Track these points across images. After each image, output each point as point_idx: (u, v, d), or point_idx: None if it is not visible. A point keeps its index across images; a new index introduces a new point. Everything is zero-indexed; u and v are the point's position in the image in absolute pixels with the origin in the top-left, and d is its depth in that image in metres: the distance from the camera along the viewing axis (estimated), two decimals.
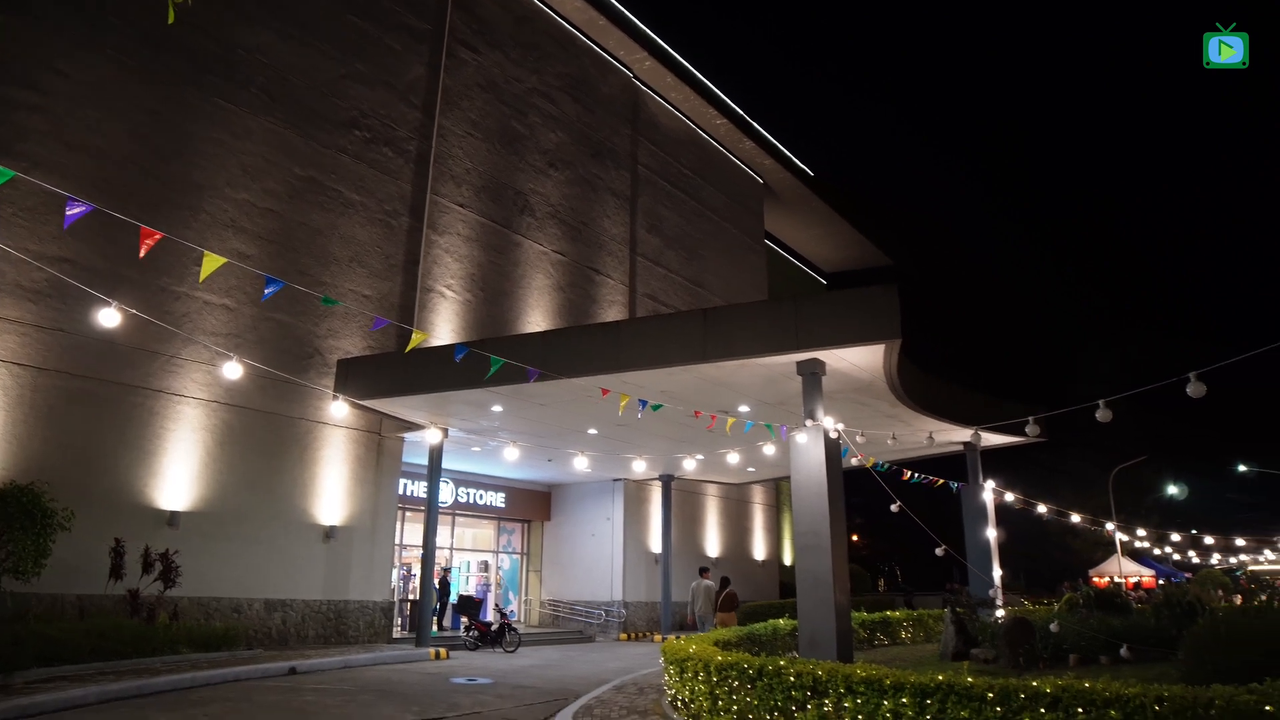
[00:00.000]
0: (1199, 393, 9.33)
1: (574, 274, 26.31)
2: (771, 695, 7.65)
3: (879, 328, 12.81)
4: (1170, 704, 5.38)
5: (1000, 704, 5.96)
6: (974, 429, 18.97)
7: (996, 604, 17.37)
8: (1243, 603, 19.25)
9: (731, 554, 31.59)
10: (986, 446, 21.88)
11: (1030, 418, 14.29)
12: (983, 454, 21.60)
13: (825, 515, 12.24)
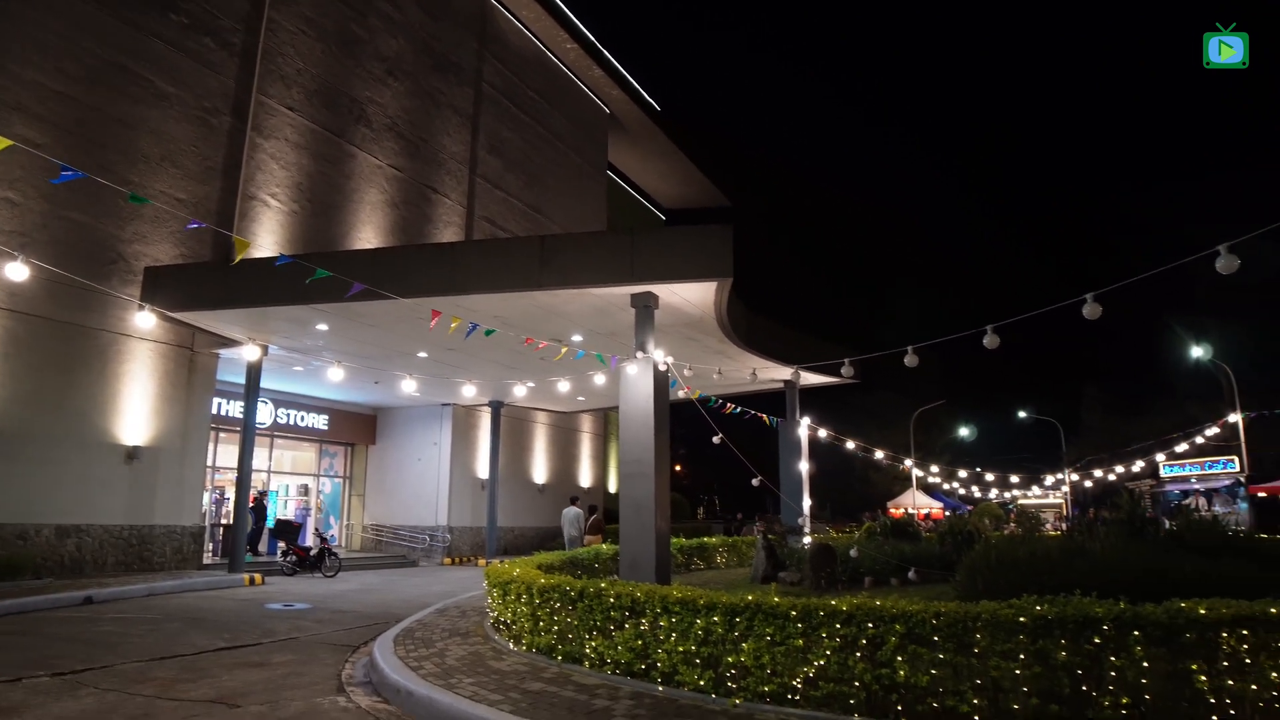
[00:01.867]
0: (993, 344, 10.27)
1: (410, 191, 25.32)
2: (591, 616, 7.93)
3: (712, 266, 13.17)
4: (945, 618, 6.02)
5: (802, 621, 6.46)
6: (795, 368, 19.99)
7: (804, 531, 18.63)
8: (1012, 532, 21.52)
9: (559, 481, 32.07)
10: (805, 385, 23.13)
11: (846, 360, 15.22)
12: (801, 392, 22.83)
13: (650, 445, 12.62)
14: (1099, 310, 9.24)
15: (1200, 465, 33.79)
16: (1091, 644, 5.80)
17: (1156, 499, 34.35)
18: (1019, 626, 5.87)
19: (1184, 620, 5.81)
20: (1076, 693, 5.77)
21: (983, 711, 5.80)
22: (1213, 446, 32.43)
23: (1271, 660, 5.87)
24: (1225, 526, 11.91)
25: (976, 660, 5.90)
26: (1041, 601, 6.16)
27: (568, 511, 22.21)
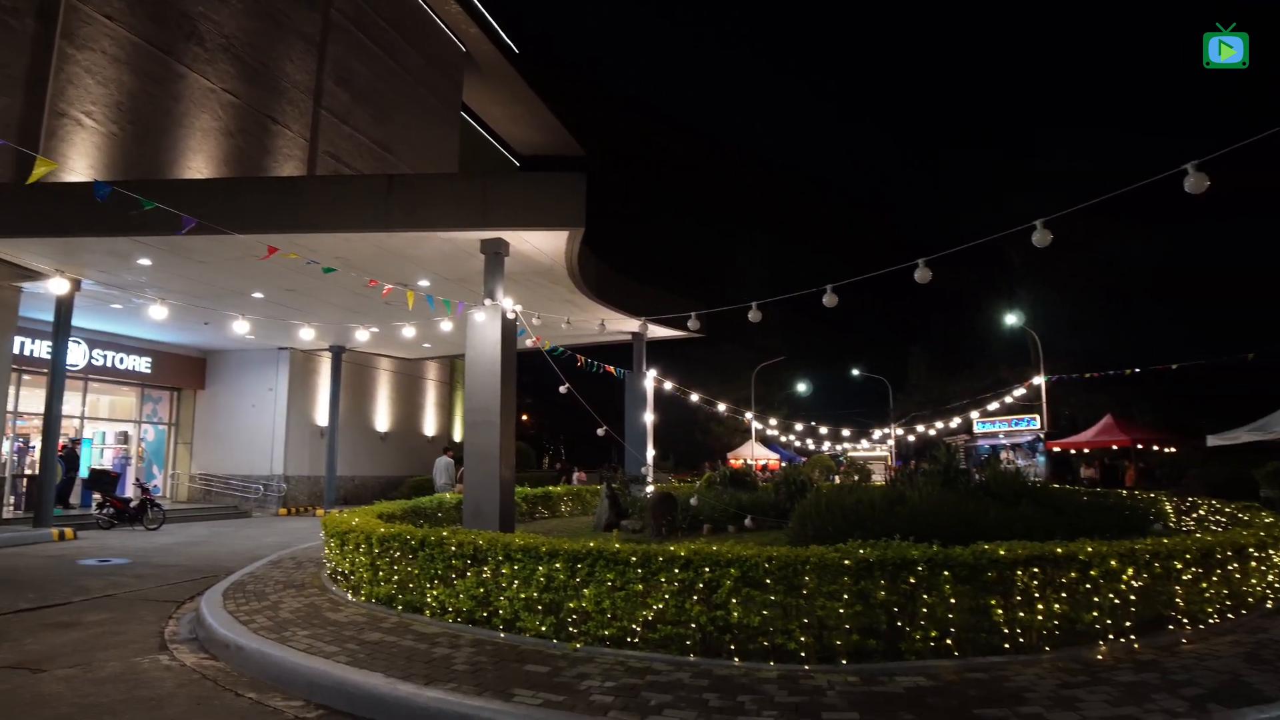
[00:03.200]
0: (831, 302, 10.78)
1: (247, 120, 23.65)
2: (433, 565, 7.86)
3: (565, 214, 13.08)
4: (777, 562, 6.35)
5: (642, 566, 6.65)
6: (642, 320, 20.23)
7: (647, 480, 19.07)
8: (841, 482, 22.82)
9: (403, 429, 31.37)
10: (652, 338, 23.49)
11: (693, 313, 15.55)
12: (648, 344, 23.18)
13: (497, 393, 12.52)
14: (929, 275, 9.84)
15: (1008, 422, 36.80)
16: (908, 584, 6.28)
17: (970, 452, 37.27)
18: (844, 569, 6.27)
19: (986, 561, 6.39)
20: (893, 628, 6.25)
21: (809, 648, 6.18)
22: (1019, 405, 35.35)
23: (1056, 594, 6.55)
24: (1025, 478, 13.07)
25: (805, 601, 6.27)
26: (865, 546, 6.60)
27: (440, 461, 21.81)
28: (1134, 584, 6.91)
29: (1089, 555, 6.70)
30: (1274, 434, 23.64)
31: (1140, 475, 27.64)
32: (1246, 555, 8.14)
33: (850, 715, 5.09)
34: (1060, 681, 5.77)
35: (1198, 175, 7.88)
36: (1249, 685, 5.71)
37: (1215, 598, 7.63)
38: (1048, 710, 5.15)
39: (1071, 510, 11.47)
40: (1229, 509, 13.21)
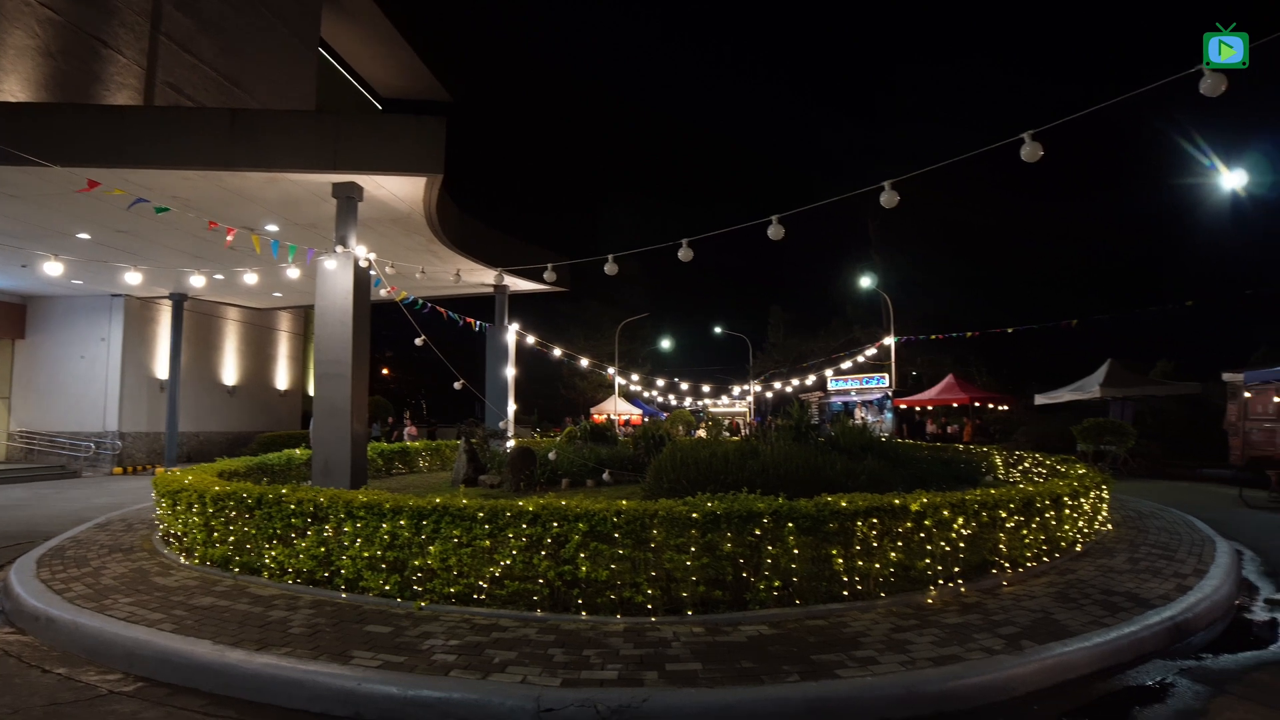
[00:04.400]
0: (687, 256, 10.83)
1: (71, 40, 21.46)
2: (271, 524, 7.47)
3: (423, 160, 12.56)
4: (625, 514, 6.35)
5: (489, 522, 6.52)
6: (499, 270, 19.80)
7: (507, 435, 18.86)
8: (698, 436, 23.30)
9: (252, 382, 29.84)
10: (516, 291, 23.11)
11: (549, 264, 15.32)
12: (512, 299, 22.80)
13: (348, 344, 12.00)
14: (781, 231, 10.00)
15: (860, 380, 38.48)
16: (753, 536, 6.41)
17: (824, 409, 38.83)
18: (692, 522, 6.34)
19: (829, 512, 6.59)
20: (738, 579, 6.39)
21: (656, 601, 6.24)
22: (870, 365, 37.00)
23: (893, 543, 6.85)
24: (871, 433, 13.66)
25: (653, 554, 6.31)
26: (713, 499, 6.69)
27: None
28: (964, 532, 7.31)
29: (924, 506, 7.03)
30: (1091, 394, 25.68)
31: (977, 431, 29.54)
32: (1061, 503, 8.78)
33: (693, 666, 5.16)
34: (894, 626, 6.05)
35: (1032, 145, 8.26)
36: (1057, 622, 6.16)
37: (1034, 543, 8.20)
38: (880, 653, 5.39)
39: (912, 464, 12.09)
40: (1050, 461, 14.25)
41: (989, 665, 5.21)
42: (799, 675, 4.98)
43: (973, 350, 38.44)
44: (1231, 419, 21.25)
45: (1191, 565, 8.43)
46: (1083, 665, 5.52)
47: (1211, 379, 24.39)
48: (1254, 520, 12.72)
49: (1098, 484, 10.42)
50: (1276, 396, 19.01)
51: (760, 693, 4.76)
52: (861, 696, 4.79)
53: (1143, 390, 26.21)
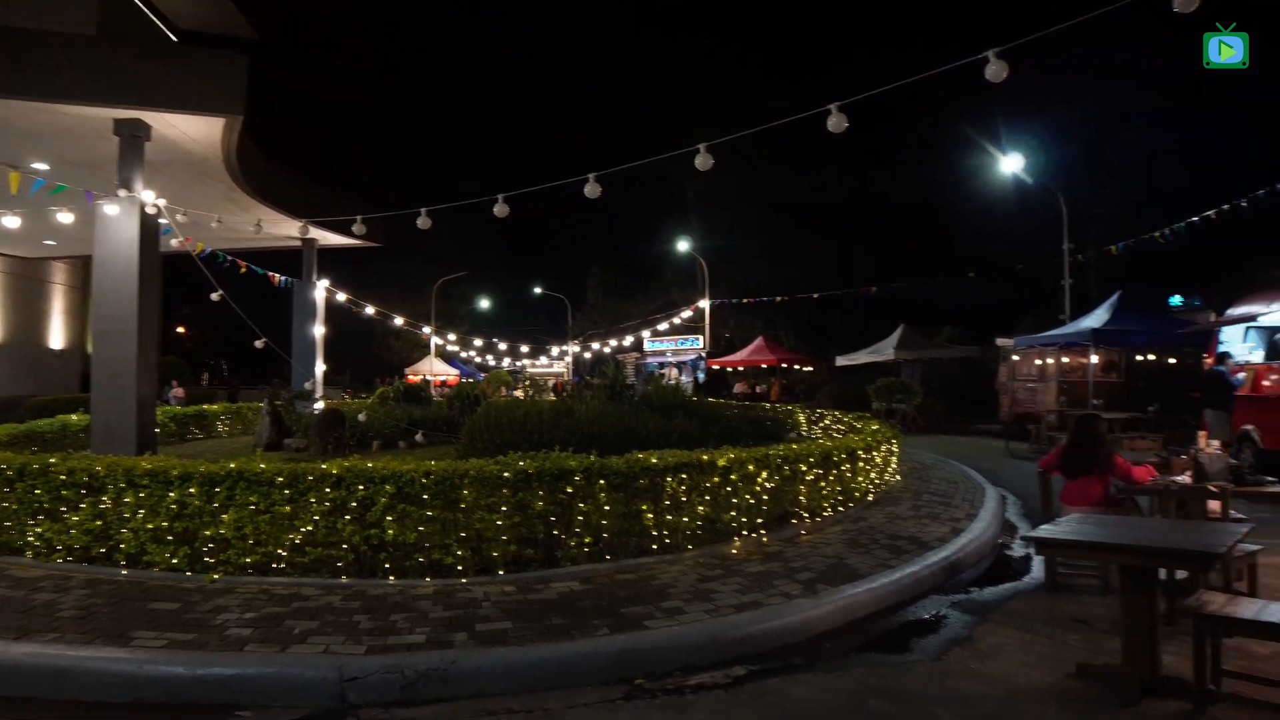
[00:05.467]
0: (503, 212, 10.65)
1: None
2: (36, 497, 6.74)
3: (221, 99, 11.58)
4: (435, 476, 6.20)
5: (289, 487, 6.18)
6: (304, 222, 18.69)
7: (315, 397, 18.00)
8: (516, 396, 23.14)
9: (22, 340, 26.77)
10: (326, 245, 21.88)
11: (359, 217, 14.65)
12: (323, 254, 21.58)
13: (133, 298, 10.97)
14: (598, 190, 10.00)
15: (675, 341, 39.53)
16: (565, 493, 6.44)
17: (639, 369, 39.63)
18: (503, 481, 6.29)
19: (639, 469, 6.73)
20: (550, 537, 6.41)
21: (466, 561, 6.16)
22: (686, 326, 38.05)
23: (701, 497, 7.09)
24: (684, 392, 14.09)
25: (463, 515, 6.21)
26: (525, 457, 6.66)
27: None
28: (767, 485, 7.68)
29: (731, 461, 7.32)
30: (885, 356, 27.65)
31: (783, 391, 31.11)
32: (856, 457, 9.42)
33: (504, 625, 5.15)
34: (700, 576, 6.28)
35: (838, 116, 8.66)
36: (849, 566, 6.61)
37: (831, 494, 8.75)
38: (687, 603, 5.58)
39: (722, 421, 12.56)
40: (848, 419, 15.23)
41: (787, 609, 5.52)
42: (609, 629, 5.08)
43: (782, 314, 40.32)
44: (1002, 379, 23.51)
45: (965, 510, 9.28)
46: (871, 604, 5.97)
47: (987, 343, 26.85)
48: (1017, 469, 14.15)
49: (889, 439, 11.25)
50: (1038, 359, 21.18)
51: (570, 648, 4.81)
52: (668, 645, 4.95)
53: (930, 353, 28.48)
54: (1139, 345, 19.95)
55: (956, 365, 29.69)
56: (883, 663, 5.04)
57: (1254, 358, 13.47)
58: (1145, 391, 19.81)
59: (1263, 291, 13.76)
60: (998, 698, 4.44)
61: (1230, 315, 14.37)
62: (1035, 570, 7.21)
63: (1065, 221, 22.57)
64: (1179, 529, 5.44)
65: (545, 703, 4.41)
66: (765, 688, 4.61)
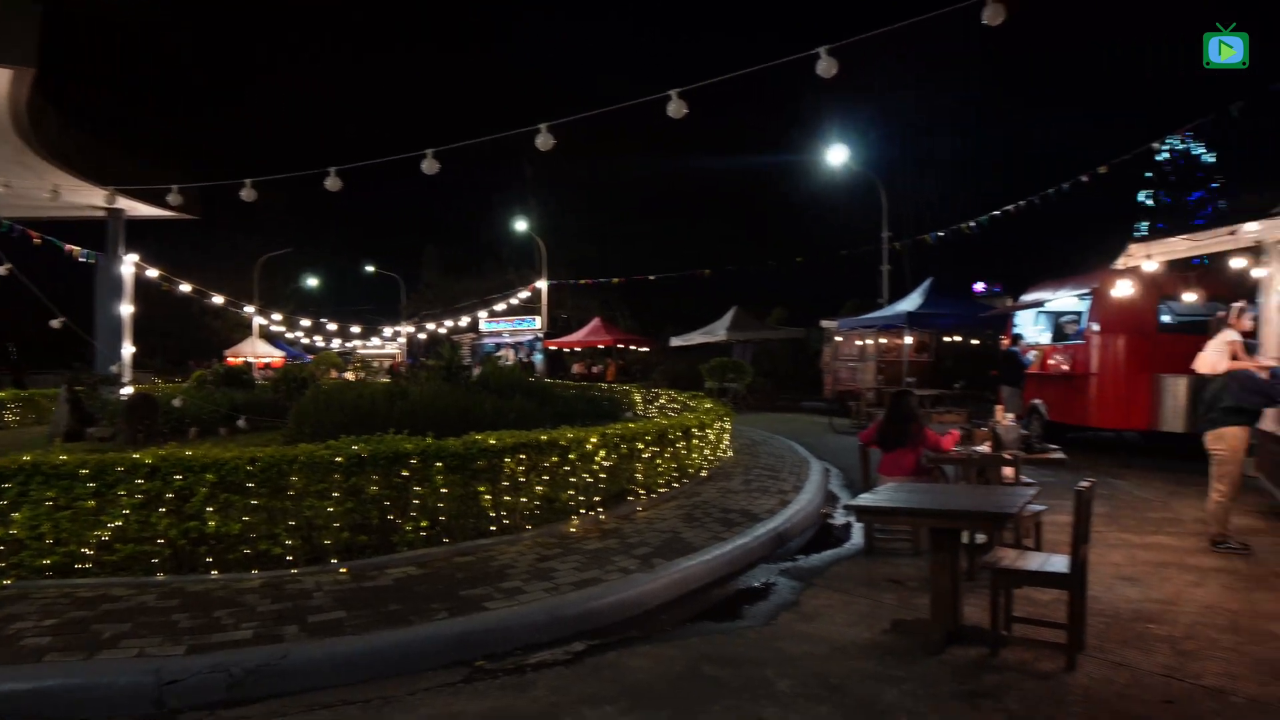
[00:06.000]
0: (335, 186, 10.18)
1: None
2: None
3: (9, 47, 10.46)
4: (261, 463, 5.90)
5: (95, 479, 5.69)
6: (110, 189, 17.15)
7: (122, 382, 16.65)
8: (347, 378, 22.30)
9: None
10: (135, 216, 20.14)
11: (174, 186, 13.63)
12: (134, 225, 19.85)
13: None
14: (436, 166, 9.76)
15: (512, 322, 39.18)
16: (400, 477, 6.29)
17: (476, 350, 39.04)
18: (335, 466, 6.07)
19: (477, 450, 6.67)
20: (384, 522, 6.25)
21: (297, 551, 5.91)
22: (523, 307, 37.77)
23: (539, 477, 7.12)
24: (521, 373, 14.03)
25: (292, 503, 5.95)
26: (358, 441, 6.45)
27: None
28: (605, 464, 7.80)
29: (569, 440, 7.38)
30: (718, 337, 28.55)
31: (619, 371, 31.52)
32: (691, 435, 9.70)
33: (338, 614, 4.99)
34: (539, 555, 6.31)
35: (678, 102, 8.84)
36: (684, 540, 6.83)
37: (666, 471, 8.99)
38: (526, 583, 5.60)
39: (560, 401, 12.61)
40: (682, 398, 15.64)
41: (624, 584, 5.64)
42: (448, 612, 5.03)
43: (618, 295, 40.76)
44: (826, 359, 24.82)
45: (792, 483, 9.77)
46: (705, 575, 6.20)
47: (813, 325, 28.24)
48: (840, 443, 15.01)
49: (721, 417, 11.66)
50: (859, 340, 22.50)
51: (408, 633, 4.73)
52: (507, 625, 4.96)
53: (760, 334, 29.64)
54: (947, 327, 21.58)
55: (785, 346, 31.04)
56: (716, 630, 5.26)
57: (1042, 339, 14.88)
58: (952, 370, 21.51)
59: (1051, 280, 15.20)
60: (822, 655, 4.73)
61: (1024, 301, 15.80)
62: (856, 537, 7.70)
63: (885, 211, 24.00)
64: (978, 494, 5.97)
65: (385, 691, 4.32)
66: (604, 661, 4.71)
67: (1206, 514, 7.28)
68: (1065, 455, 7.56)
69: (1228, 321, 7.48)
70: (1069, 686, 4.27)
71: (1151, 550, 7.04)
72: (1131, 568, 6.47)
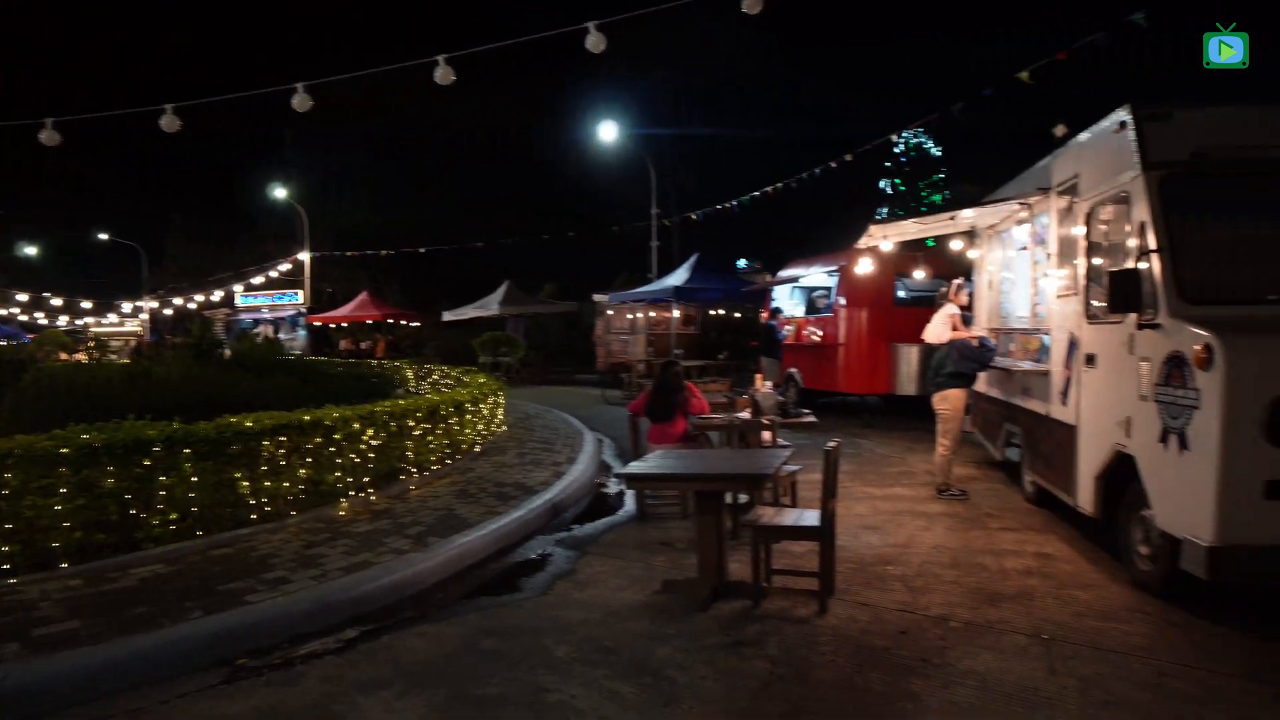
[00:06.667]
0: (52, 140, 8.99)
1: None
2: None
3: None
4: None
5: None
6: None
7: None
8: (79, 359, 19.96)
9: None
10: None
11: None
12: None
13: None
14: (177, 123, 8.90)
15: (272, 296, 36.64)
16: (142, 467, 5.73)
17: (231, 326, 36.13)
18: (61, 458, 5.42)
19: (232, 434, 6.21)
20: (126, 518, 5.68)
21: (16, 558, 5.23)
22: (284, 280, 35.47)
23: (303, 460, 6.76)
24: (282, 350, 13.19)
25: (8, 503, 5.25)
26: (90, 429, 5.81)
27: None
28: (373, 443, 7.53)
29: (334, 420, 7.05)
30: (492, 311, 28.25)
31: (390, 347, 30.45)
32: (464, 410, 9.58)
33: (71, 625, 4.46)
34: (306, 542, 6.00)
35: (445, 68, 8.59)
36: (459, 516, 6.77)
37: (439, 448, 8.83)
38: (291, 572, 5.31)
39: (326, 379, 12.02)
40: (455, 373, 15.36)
41: (398, 565, 5.50)
42: (203, 610, 4.66)
43: (388, 268, 39.22)
44: (599, 333, 25.31)
45: (566, 455, 9.92)
46: (481, 550, 6.17)
47: (586, 299, 28.64)
48: (613, 414, 15.40)
49: (494, 391, 11.60)
50: (629, 314, 23.13)
51: (157, 638, 4.33)
52: (271, 618, 4.68)
53: (534, 308, 29.66)
54: (712, 301, 22.68)
55: (558, 320, 31.26)
56: (494, 604, 5.27)
57: (797, 312, 16.02)
58: (717, 342, 22.66)
59: (805, 257, 16.38)
60: (597, 619, 4.87)
61: (781, 277, 16.91)
62: (629, 504, 7.97)
63: (654, 188, 24.71)
64: (739, 457, 6.37)
65: (134, 703, 3.93)
66: (379, 645, 4.58)
67: (934, 466, 8.22)
68: (816, 419, 8.23)
69: (949, 296, 8.46)
70: (820, 629, 4.68)
71: (890, 501, 7.85)
72: (874, 517, 7.18)
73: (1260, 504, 4.23)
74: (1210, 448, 4.30)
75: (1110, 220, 5.88)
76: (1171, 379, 4.70)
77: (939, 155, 52.33)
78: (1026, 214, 7.84)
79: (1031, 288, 7.74)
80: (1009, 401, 8.06)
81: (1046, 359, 6.95)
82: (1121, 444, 5.31)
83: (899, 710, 3.72)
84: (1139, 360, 5.08)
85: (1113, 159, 5.59)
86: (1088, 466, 5.93)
